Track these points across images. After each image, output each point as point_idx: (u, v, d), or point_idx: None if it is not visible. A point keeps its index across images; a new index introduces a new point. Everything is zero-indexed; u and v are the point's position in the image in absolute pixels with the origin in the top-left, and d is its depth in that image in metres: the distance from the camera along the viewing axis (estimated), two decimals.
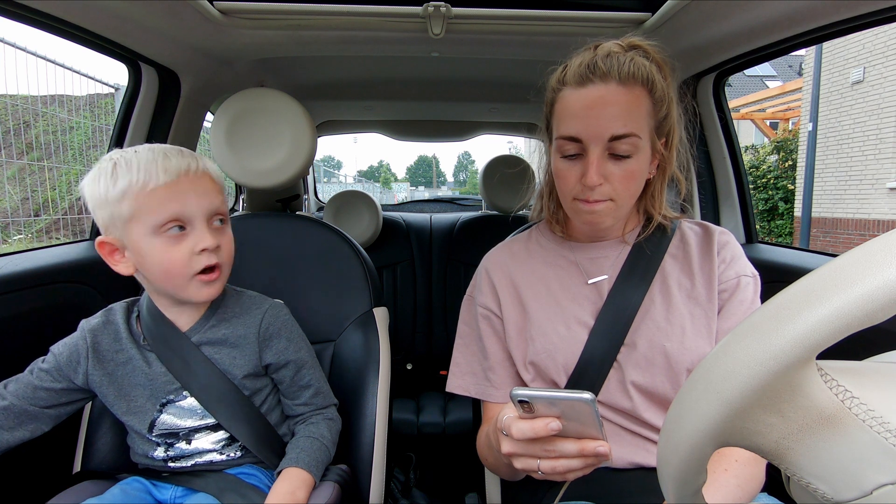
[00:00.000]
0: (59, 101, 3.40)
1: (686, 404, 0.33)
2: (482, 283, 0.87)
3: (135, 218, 0.70)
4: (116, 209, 0.70)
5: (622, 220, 0.80)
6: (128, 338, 0.80)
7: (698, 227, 0.84)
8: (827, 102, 7.81)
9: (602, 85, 0.69)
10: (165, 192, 0.70)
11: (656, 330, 0.75)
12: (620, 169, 0.70)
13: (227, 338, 0.82)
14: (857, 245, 0.28)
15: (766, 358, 0.28)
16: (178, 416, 0.80)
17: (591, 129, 0.69)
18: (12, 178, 4.04)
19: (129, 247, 0.72)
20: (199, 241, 0.73)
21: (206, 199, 0.74)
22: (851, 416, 0.29)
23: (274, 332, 0.84)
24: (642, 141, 0.70)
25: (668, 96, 0.72)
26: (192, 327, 0.81)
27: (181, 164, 0.72)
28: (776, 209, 8.82)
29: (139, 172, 0.69)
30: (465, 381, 0.86)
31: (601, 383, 0.75)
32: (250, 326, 0.83)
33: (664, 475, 0.37)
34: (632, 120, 0.69)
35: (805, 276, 0.29)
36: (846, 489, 0.30)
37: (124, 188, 0.69)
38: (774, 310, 0.29)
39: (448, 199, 3.11)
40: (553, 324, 0.79)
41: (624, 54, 0.70)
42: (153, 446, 0.82)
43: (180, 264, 0.72)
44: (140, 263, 0.73)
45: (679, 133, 0.76)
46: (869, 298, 0.25)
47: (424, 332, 2.12)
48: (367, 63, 1.61)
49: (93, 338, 0.79)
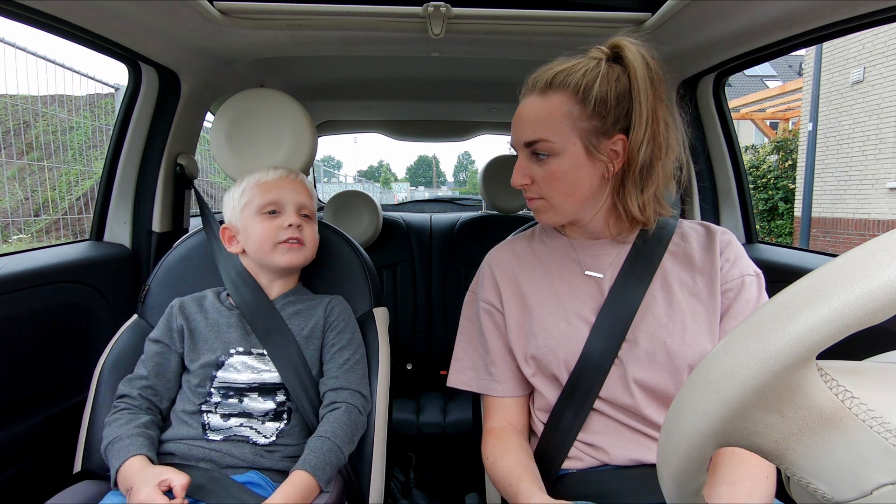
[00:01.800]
0: (59, 101, 3.41)
1: (686, 404, 0.33)
2: (485, 278, 0.88)
3: (247, 204, 0.98)
4: (237, 202, 1.00)
5: (566, 217, 0.80)
6: (213, 305, 1.00)
7: (700, 227, 0.84)
8: (827, 102, 7.81)
9: (526, 98, 0.79)
10: (270, 185, 1.00)
11: (658, 326, 0.75)
12: (543, 169, 0.77)
13: (300, 311, 1.00)
14: (857, 245, 0.28)
15: (766, 358, 0.28)
16: (239, 371, 0.92)
17: (513, 137, 0.80)
18: (12, 178, 4.04)
19: (240, 230, 0.99)
20: (286, 219, 0.98)
21: (296, 195, 1.00)
22: (851, 416, 0.29)
23: (336, 314, 1.02)
24: (557, 144, 0.74)
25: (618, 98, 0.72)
26: (276, 298, 1.00)
27: (283, 171, 1.03)
28: (776, 209, 8.82)
29: (255, 174, 1.02)
30: (466, 376, 0.87)
31: (602, 379, 0.76)
32: (319, 308, 1.02)
33: (664, 475, 0.37)
34: (541, 126, 0.74)
35: (805, 276, 0.29)
36: (846, 489, 0.30)
37: (244, 186, 1.01)
38: (774, 310, 0.29)
39: (448, 199, 3.11)
40: (554, 319, 0.80)
41: (569, 66, 0.74)
42: (206, 399, 0.90)
43: (270, 234, 0.97)
44: (245, 240, 0.99)
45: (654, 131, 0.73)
46: (869, 298, 0.25)
47: (424, 332, 2.12)
48: (367, 63, 1.61)
49: (180, 306, 0.99)
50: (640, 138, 0.72)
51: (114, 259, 1.29)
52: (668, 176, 0.77)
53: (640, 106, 0.72)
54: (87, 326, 1.17)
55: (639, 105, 0.72)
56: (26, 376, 1.02)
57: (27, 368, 1.02)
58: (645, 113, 0.72)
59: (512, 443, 0.80)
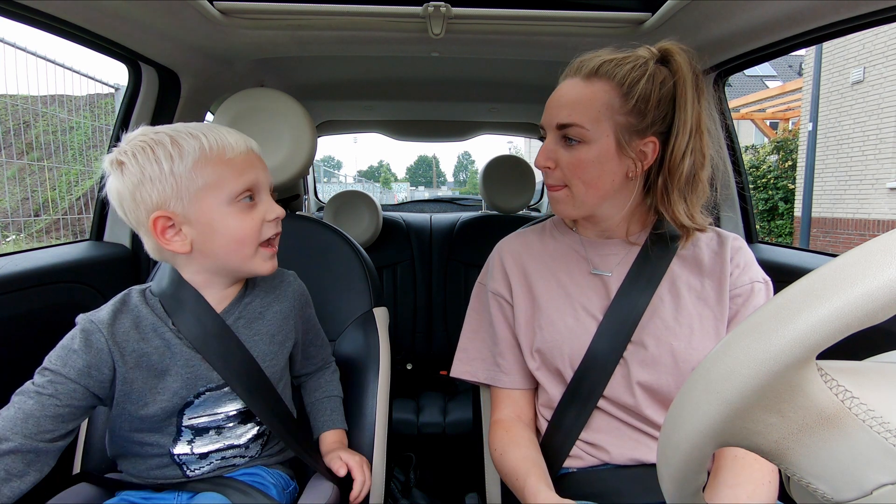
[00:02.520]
0: (59, 101, 3.40)
1: (686, 404, 0.33)
2: (494, 269, 0.89)
3: (210, 187, 0.68)
4: (186, 181, 0.67)
5: (584, 210, 0.78)
6: (152, 324, 0.73)
7: (711, 232, 0.84)
8: (827, 102, 7.80)
9: (567, 80, 0.77)
10: (243, 161, 0.71)
11: (664, 329, 0.75)
12: (570, 155, 0.75)
13: (263, 314, 0.81)
14: (858, 245, 0.28)
15: (766, 358, 0.28)
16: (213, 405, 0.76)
17: (546, 117, 0.78)
18: (12, 178, 4.04)
19: (193, 220, 0.69)
20: (269, 210, 0.74)
21: (267, 175, 0.75)
22: (851, 416, 0.29)
23: (305, 299, 0.90)
24: (591, 132, 0.72)
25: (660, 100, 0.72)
26: (225, 308, 0.77)
27: (244, 139, 0.73)
28: (776, 209, 8.82)
29: (213, 141, 0.68)
30: (472, 367, 0.87)
31: (607, 379, 0.76)
32: (288, 298, 0.84)
33: (664, 475, 0.37)
34: (579, 111, 0.73)
35: (805, 276, 0.29)
36: (846, 489, 0.30)
37: (196, 158, 0.67)
38: (774, 310, 0.29)
39: (448, 199, 3.11)
40: (561, 314, 0.80)
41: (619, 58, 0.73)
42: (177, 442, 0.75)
43: (252, 232, 0.72)
44: (204, 236, 0.70)
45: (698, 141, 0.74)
46: (869, 298, 0.25)
47: (424, 332, 2.12)
48: (367, 63, 1.61)
49: (110, 332, 0.70)
50: (683, 147, 0.72)
51: (114, 259, 1.28)
52: (706, 183, 0.76)
53: (686, 114, 0.72)
54: None
55: (683, 113, 0.72)
56: (26, 376, 1.02)
57: (27, 368, 1.02)
58: (690, 122, 0.72)
59: (520, 435, 0.80)
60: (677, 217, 0.75)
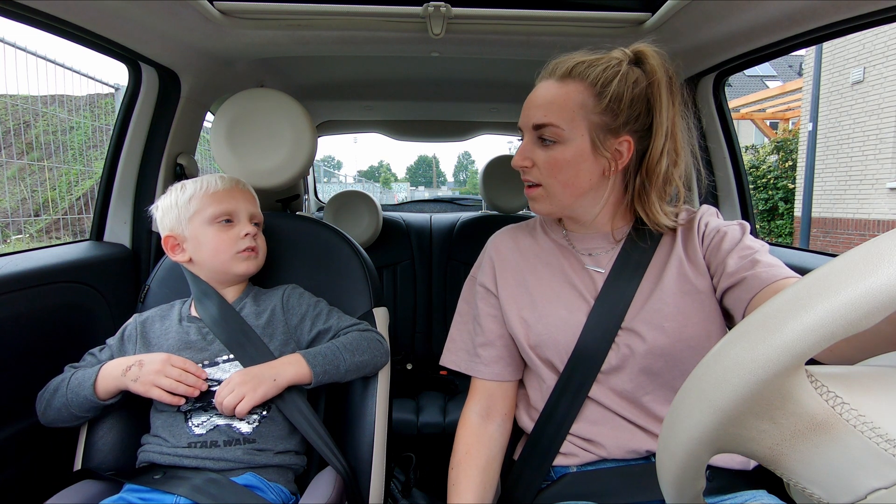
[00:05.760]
0: (59, 101, 3.40)
1: (680, 412, 0.33)
2: (484, 262, 0.91)
3: (198, 213, 0.96)
4: (184, 210, 0.96)
5: (561, 209, 0.80)
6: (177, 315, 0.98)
7: (685, 215, 0.84)
8: (827, 102, 7.80)
9: (543, 81, 0.79)
10: (223, 195, 0.98)
11: (654, 312, 0.76)
12: (546, 155, 0.77)
13: (258, 311, 1.00)
14: (857, 245, 0.29)
15: (755, 367, 0.28)
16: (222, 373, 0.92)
17: (522, 118, 0.80)
18: (12, 178, 4.05)
19: (188, 238, 0.97)
20: (242, 228, 0.98)
21: (248, 204, 1.01)
22: (843, 421, 0.30)
23: (294, 299, 1.03)
24: (566, 132, 0.74)
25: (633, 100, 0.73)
26: (234, 301, 1.00)
27: (232, 180, 1.02)
28: (776, 209, 8.82)
29: (205, 182, 0.99)
30: (457, 356, 0.90)
31: (598, 367, 0.77)
32: (275, 299, 1.02)
33: (664, 480, 0.37)
34: (553, 111, 0.74)
35: (793, 284, 0.30)
36: (840, 494, 0.30)
37: (191, 193, 0.97)
38: (762, 319, 0.29)
39: (448, 199, 3.12)
40: (553, 306, 0.81)
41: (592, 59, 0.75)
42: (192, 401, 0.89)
43: (228, 244, 0.96)
44: (196, 249, 0.97)
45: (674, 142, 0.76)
46: (851, 307, 0.26)
47: (424, 332, 2.13)
48: (367, 63, 1.61)
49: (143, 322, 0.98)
50: (660, 149, 0.74)
51: (114, 259, 1.29)
52: (679, 181, 0.78)
53: (661, 117, 0.73)
54: (87, 326, 1.17)
55: (659, 115, 0.73)
56: (26, 376, 1.02)
57: (27, 368, 1.02)
58: (665, 124, 0.74)
59: (484, 445, 0.85)
60: (655, 216, 0.77)
